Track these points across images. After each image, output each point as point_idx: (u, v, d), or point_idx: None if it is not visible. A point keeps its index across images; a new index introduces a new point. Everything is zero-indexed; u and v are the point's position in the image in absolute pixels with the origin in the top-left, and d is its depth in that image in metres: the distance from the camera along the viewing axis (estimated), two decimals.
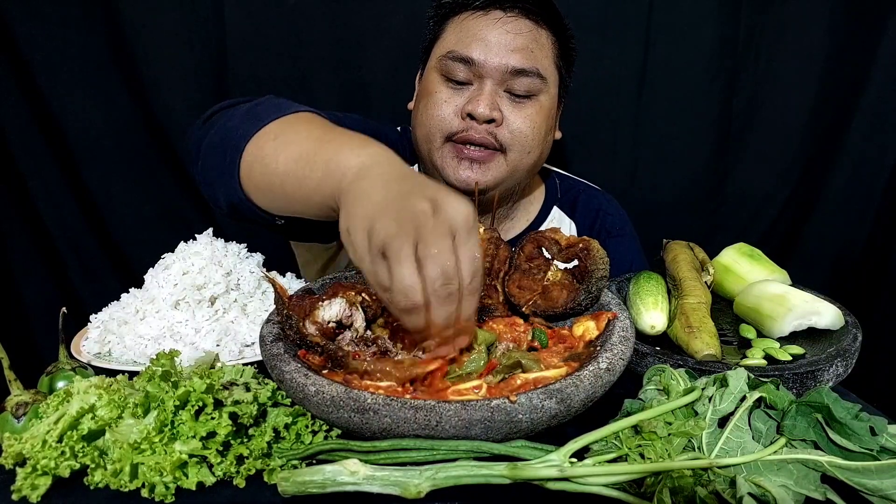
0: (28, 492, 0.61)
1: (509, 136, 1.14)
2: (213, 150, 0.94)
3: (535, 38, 1.14)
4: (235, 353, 0.92)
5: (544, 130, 1.19)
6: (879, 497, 0.59)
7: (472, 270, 0.64)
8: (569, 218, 1.41)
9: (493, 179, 1.16)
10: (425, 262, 0.61)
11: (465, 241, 0.64)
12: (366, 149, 0.77)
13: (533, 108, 1.15)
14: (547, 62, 1.16)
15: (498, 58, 1.11)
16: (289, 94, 1.74)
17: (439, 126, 1.15)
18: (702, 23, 1.78)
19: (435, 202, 0.64)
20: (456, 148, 1.14)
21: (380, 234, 0.62)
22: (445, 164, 1.16)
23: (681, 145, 1.89)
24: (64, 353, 0.84)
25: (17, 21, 1.63)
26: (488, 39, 1.11)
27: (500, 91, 1.14)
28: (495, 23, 1.12)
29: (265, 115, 0.91)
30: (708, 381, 0.72)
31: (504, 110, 1.13)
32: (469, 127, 1.12)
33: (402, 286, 0.61)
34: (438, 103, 1.15)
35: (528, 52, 1.12)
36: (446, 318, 0.63)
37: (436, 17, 1.20)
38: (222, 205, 0.95)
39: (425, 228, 0.61)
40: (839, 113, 1.85)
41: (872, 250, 1.94)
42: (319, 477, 0.59)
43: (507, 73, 1.12)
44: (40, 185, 1.76)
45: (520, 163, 1.18)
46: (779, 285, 1.03)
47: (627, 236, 1.44)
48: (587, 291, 0.85)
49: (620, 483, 0.59)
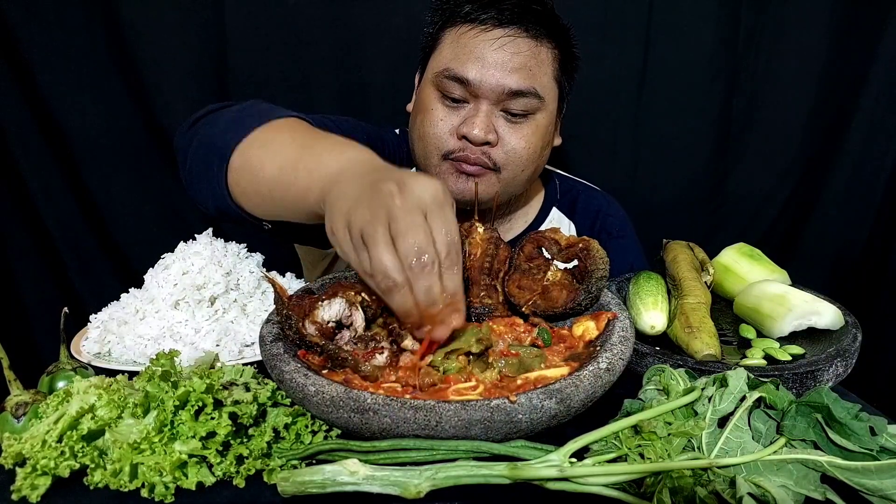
0: (28, 492, 0.61)
1: (504, 156, 1.14)
2: (199, 156, 0.94)
3: (534, 55, 1.11)
4: (235, 353, 0.92)
5: (539, 147, 1.18)
6: (879, 497, 0.59)
7: (446, 242, 0.65)
8: (568, 219, 1.41)
9: (484, 192, 1.16)
10: (397, 240, 0.63)
11: (438, 216, 0.65)
12: (345, 153, 0.78)
13: (529, 127, 1.14)
14: (546, 79, 1.14)
15: (495, 79, 1.08)
16: (289, 94, 1.76)
17: (436, 144, 1.14)
18: (702, 23, 1.78)
19: (401, 183, 0.65)
20: (454, 165, 1.15)
21: (356, 224, 0.64)
22: (445, 179, 1.16)
23: (681, 145, 1.89)
24: (65, 352, 0.84)
25: (17, 22, 1.63)
26: (485, 59, 1.08)
27: (496, 111, 1.12)
28: (494, 42, 1.09)
29: (249, 121, 0.90)
30: (708, 381, 0.72)
31: (500, 131, 1.12)
32: (465, 147, 1.12)
33: (380, 267, 0.63)
34: (434, 122, 1.14)
35: (525, 72, 1.10)
36: (427, 292, 0.64)
37: (433, 23, 1.18)
38: (210, 209, 0.95)
39: (394, 208, 0.63)
40: (839, 113, 1.85)
41: (872, 250, 1.94)
42: (319, 477, 0.59)
43: (503, 94, 1.09)
44: (40, 185, 1.76)
45: (513, 180, 1.18)
46: (779, 285, 1.03)
47: (628, 237, 1.43)
48: (587, 291, 0.85)
49: (620, 483, 0.59)
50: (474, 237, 0.99)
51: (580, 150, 1.88)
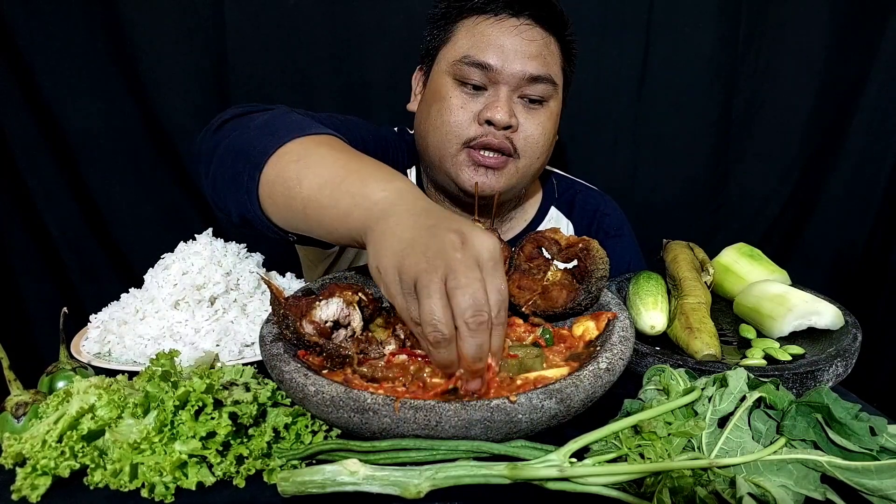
0: (28, 492, 0.61)
1: (523, 142, 1.16)
2: (226, 162, 0.90)
3: (546, 44, 1.16)
4: (235, 353, 0.92)
5: (552, 135, 1.22)
6: (879, 497, 0.59)
7: (499, 301, 0.63)
8: (566, 218, 1.42)
9: (505, 185, 1.18)
10: (455, 293, 0.61)
11: (493, 274, 0.64)
12: (391, 183, 0.75)
13: (544, 114, 1.18)
14: (556, 68, 1.18)
15: (516, 64, 1.12)
16: (289, 94, 1.76)
17: (456, 132, 1.14)
18: (702, 23, 1.78)
19: (462, 235, 0.64)
20: (472, 155, 1.15)
21: (410, 270, 0.62)
22: (460, 170, 1.16)
23: (681, 145, 1.89)
24: (64, 353, 0.84)
25: (17, 21, 1.63)
26: (505, 46, 1.12)
27: (515, 97, 1.15)
28: (511, 29, 1.13)
29: (284, 131, 0.87)
30: (708, 381, 0.72)
31: (518, 116, 1.15)
32: (487, 133, 1.13)
33: (431, 318, 0.61)
34: (454, 109, 1.14)
35: (542, 59, 1.14)
36: (477, 349, 0.62)
37: (443, 18, 1.19)
38: (233, 216, 0.92)
39: (454, 261, 0.62)
40: (839, 113, 1.85)
41: (872, 250, 1.94)
42: (319, 477, 0.59)
43: (523, 79, 1.13)
44: (40, 185, 1.77)
45: (529, 168, 1.20)
46: (779, 285, 1.03)
47: (625, 237, 1.44)
48: (587, 291, 0.85)
49: (620, 483, 0.59)
50: None
51: (580, 150, 1.88)
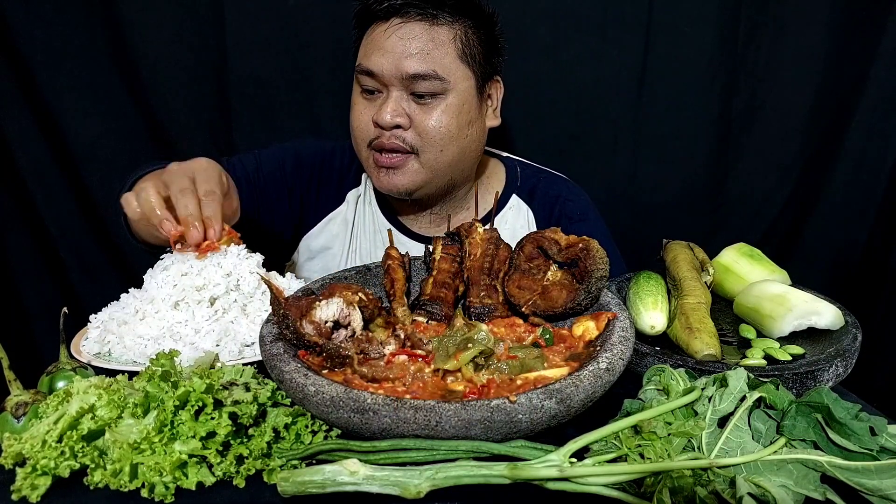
0: (28, 492, 0.61)
1: (418, 138, 1.19)
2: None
3: (431, 38, 1.16)
4: (235, 354, 0.92)
5: (456, 126, 1.21)
6: (879, 497, 0.59)
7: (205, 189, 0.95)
8: (527, 205, 1.41)
9: (411, 182, 1.22)
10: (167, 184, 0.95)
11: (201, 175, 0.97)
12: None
13: (439, 108, 1.19)
14: (448, 59, 1.17)
15: (393, 66, 1.15)
16: (289, 94, 1.76)
17: (361, 135, 1.23)
18: (702, 23, 1.77)
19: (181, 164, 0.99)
20: (375, 157, 1.22)
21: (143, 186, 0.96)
22: (371, 173, 1.27)
23: (681, 145, 1.88)
24: (65, 353, 0.84)
25: (17, 21, 1.63)
26: (384, 48, 1.15)
27: (406, 95, 1.18)
28: (391, 30, 1.16)
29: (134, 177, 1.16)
30: (708, 381, 0.72)
31: (412, 114, 1.18)
32: (380, 135, 1.19)
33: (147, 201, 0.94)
34: (357, 114, 1.23)
35: (423, 56, 1.15)
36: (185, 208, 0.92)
37: (357, 29, 1.24)
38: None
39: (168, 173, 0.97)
40: (839, 113, 1.85)
41: (872, 250, 1.93)
42: (319, 477, 0.59)
43: (405, 78, 1.15)
44: (40, 186, 1.77)
45: (437, 161, 1.22)
46: (779, 285, 1.03)
47: (590, 220, 1.42)
48: (587, 291, 0.85)
49: (620, 483, 0.59)
50: (474, 237, 0.99)
51: (580, 150, 1.88)
